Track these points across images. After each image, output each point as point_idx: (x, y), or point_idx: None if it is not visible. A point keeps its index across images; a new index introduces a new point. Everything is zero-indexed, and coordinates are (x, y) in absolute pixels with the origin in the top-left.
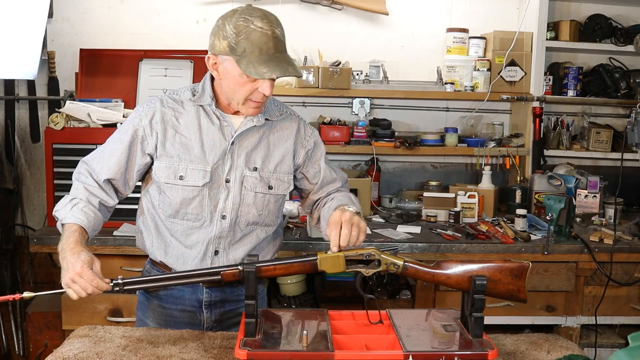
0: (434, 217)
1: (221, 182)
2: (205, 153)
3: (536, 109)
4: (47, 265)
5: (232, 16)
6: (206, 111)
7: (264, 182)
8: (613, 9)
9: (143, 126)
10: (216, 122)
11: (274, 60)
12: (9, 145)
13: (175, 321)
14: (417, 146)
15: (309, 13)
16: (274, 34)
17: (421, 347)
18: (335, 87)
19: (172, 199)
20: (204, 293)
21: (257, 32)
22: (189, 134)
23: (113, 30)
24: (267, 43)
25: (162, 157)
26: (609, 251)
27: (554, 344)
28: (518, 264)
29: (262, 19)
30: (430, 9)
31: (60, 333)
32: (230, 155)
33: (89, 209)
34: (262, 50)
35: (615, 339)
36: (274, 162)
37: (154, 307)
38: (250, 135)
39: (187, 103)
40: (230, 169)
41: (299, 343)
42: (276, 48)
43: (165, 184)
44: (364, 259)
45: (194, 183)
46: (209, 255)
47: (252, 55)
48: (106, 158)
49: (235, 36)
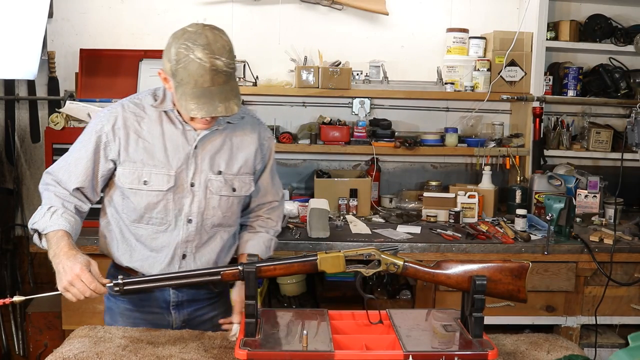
0: (434, 217)
1: (186, 186)
2: (169, 157)
3: (536, 109)
4: (47, 265)
5: (179, 38)
6: (168, 116)
7: (228, 185)
8: (613, 9)
9: (105, 132)
10: (179, 127)
11: (205, 96)
12: (9, 145)
13: (144, 323)
14: (417, 146)
15: (309, 13)
16: (212, 66)
17: (421, 347)
18: (335, 87)
19: (137, 204)
20: (171, 294)
21: (195, 63)
22: (152, 139)
23: (113, 30)
24: (203, 76)
25: (125, 163)
26: (609, 251)
27: (554, 344)
28: (518, 264)
29: (204, 49)
30: (430, 9)
31: (60, 333)
32: (194, 159)
33: (68, 214)
34: (197, 83)
35: (615, 339)
36: (237, 165)
37: (122, 310)
38: (213, 139)
39: (149, 108)
40: (195, 173)
41: (299, 343)
42: (213, 81)
43: (129, 190)
44: (364, 259)
45: (158, 188)
46: (176, 259)
47: (187, 87)
48: (72, 167)
49: (176, 63)
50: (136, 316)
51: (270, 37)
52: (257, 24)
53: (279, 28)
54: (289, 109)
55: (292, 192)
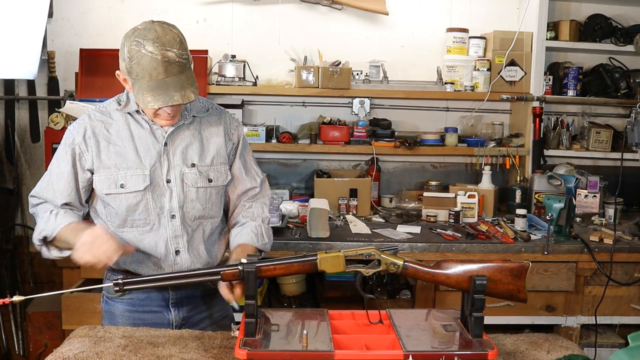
0: (434, 217)
1: (162, 183)
2: (141, 157)
3: (536, 109)
4: (47, 265)
5: (130, 37)
6: (135, 118)
7: (204, 177)
8: (613, 9)
9: (77, 143)
10: (146, 127)
11: (161, 88)
12: (9, 145)
13: (143, 323)
14: (417, 146)
15: (309, 13)
16: (164, 57)
17: (421, 347)
18: (335, 87)
19: (117, 208)
20: (169, 292)
21: (147, 57)
22: (122, 142)
23: (113, 30)
24: (156, 68)
25: (99, 170)
26: (609, 251)
27: (554, 344)
28: (518, 264)
29: (154, 42)
30: (430, 9)
31: (60, 333)
32: (166, 155)
33: (70, 213)
34: (152, 75)
35: (615, 339)
36: (210, 156)
37: (121, 312)
38: (181, 134)
39: (115, 113)
40: (169, 169)
41: (299, 343)
42: (167, 72)
43: (107, 195)
44: (364, 258)
45: (135, 188)
46: (170, 256)
47: (142, 81)
48: (55, 185)
49: (129, 60)
50: (136, 317)
51: (270, 37)
52: (257, 24)
53: (279, 28)
54: (289, 109)
55: (292, 192)
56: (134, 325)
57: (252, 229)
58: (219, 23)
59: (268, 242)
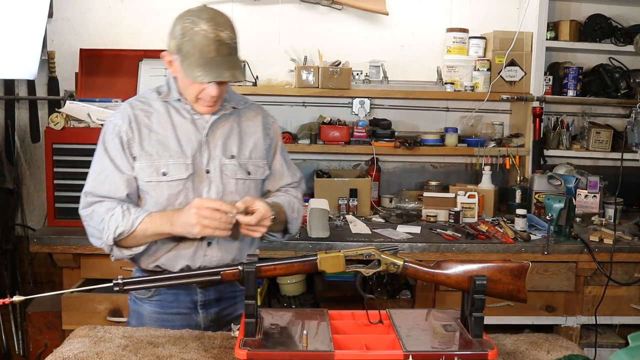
0: (434, 217)
1: (202, 173)
2: (183, 147)
3: (536, 109)
4: (47, 265)
5: (183, 16)
6: (175, 107)
7: (243, 169)
8: (613, 9)
9: (124, 131)
10: (187, 117)
11: (211, 64)
12: (9, 145)
13: (171, 325)
14: (417, 146)
15: (309, 13)
16: (217, 37)
17: (421, 347)
18: (335, 87)
19: (158, 197)
20: (198, 293)
21: (200, 35)
22: (164, 131)
23: (113, 30)
24: (208, 46)
25: (141, 157)
26: (609, 251)
27: (554, 344)
28: (518, 264)
29: (209, 22)
30: (430, 9)
31: (60, 333)
32: (207, 146)
33: (133, 207)
34: (203, 52)
35: (615, 339)
36: (248, 149)
37: (149, 313)
38: (222, 125)
39: (155, 102)
40: (209, 160)
41: (299, 343)
42: (218, 51)
43: (147, 183)
44: (364, 259)
45: (177, 177)
46: (202, 248)
47: (192, 58)
48: (111, 177)
49: (181, 37)
50: (164, 318)
51: (270, 37)
52: (257, 24)
53: (279, 28)
54: (289, 108)
55: None
56: (162, 326)
57: (287, 198)
58: None
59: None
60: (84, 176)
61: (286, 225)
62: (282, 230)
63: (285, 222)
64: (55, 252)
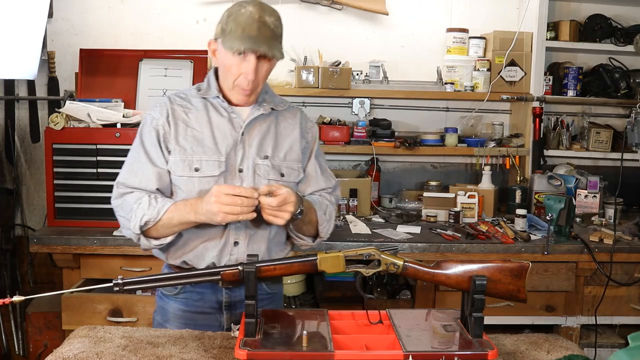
0: (434, 217)
1: (235, 172)
2: (217, 144)
3: (536, 109)
4: (47, 265)
5: (233, 4)
6: (213, 105)
7: (276, 170)
8: (613, 9)
9: (162, 124)
10: (225, 115)
11: (251, 40)
12: (9, 145)
13: (195, 324)
14: (417, 146)
15: (309, 13)
16: (260, 18)
17: (421, 347)
18: (335, 87)
19: (188, 193)
20: (223, 294)
21: (245, 15)
22: (200, 127)
23: (113, 30)
24: (251, 25)
25: (175, 151)
26: (609, 251)
27: (554, 344)
28: (518, 264)
29: (255, 6)
30: (430, 9)
31: (60, 333)
32: (242, 145)
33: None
34: (245, 30)
35: (615, 339)
36: (283, 151)
37: (174, 310)
38: (258, 125)
39: (195, 99)
40: (243, 159)
41: (299, 343)
42: (259, 31)
43: (180, 177)
44: (364, 259)
45: (210, 173)
46: (228, 246)
47: (235, 34)
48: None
49: (227, 18)
50: (188, 317)
51: None
52: None
53: None
54: None
55: None
56: (185, 325)
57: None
58: None
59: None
60: (84, 176)
61: (317, 228)
62: (313, 235)
63: (315, 224)
64: (55, 252)
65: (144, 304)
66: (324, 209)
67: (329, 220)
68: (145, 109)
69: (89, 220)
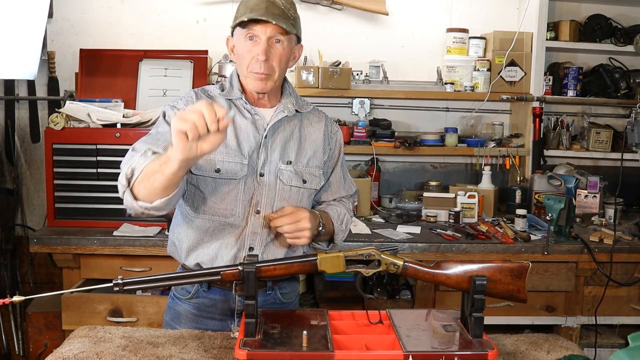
0: (434, 217)
1: (256, 176)
2: (241, 146)
3: (536, 109)
4: (47, 265)
5: None
6: (237, 105)
7: (299, 176)
8: (613, 9)
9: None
10: (248, 116)
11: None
12: (9, 145)
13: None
14: (417, 146)
15: (309, 13)
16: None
17: (421, 347)
18: (335, 87)
19: (207, 193)
20: (236, 301)
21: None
22: None
23: (113, 30)
24: (259, 4)
25: None
26: (609, 251)
27: (554, 344)
28: (518, 264)
29: None
30: (430, 9)
31: (60, 333)
32: (265, 148)
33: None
34: (253, 10)
35: (615, 339)
36: (306, 157)
37: (186, 313)
38: (282, 128)
39: (219, 98)
40: (265, 163)
41: (299, 343)
42: (267, 10)
43: (200, 177)
44: (364, 259)
45: (231, 176)
46: (242, 253)
47: (242, 14)
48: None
49: (239, 5)
50: (198, 321)
51: None
52: None
53: None
54: None
55: None
56: (196, 327)
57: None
58: (219, 23)
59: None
60: (84, 176)
61: (332, 236)
62: (327, 240)
63: (332, 234)
64: (55, 252)
65: (144, 304)
66: (342, 218)
67: (344, 230)
68: (145, 109)
69: (89, 220)
